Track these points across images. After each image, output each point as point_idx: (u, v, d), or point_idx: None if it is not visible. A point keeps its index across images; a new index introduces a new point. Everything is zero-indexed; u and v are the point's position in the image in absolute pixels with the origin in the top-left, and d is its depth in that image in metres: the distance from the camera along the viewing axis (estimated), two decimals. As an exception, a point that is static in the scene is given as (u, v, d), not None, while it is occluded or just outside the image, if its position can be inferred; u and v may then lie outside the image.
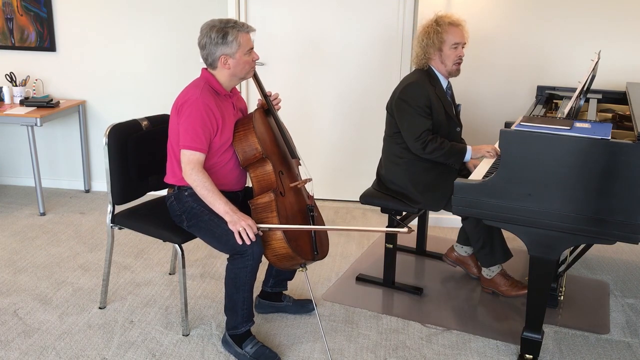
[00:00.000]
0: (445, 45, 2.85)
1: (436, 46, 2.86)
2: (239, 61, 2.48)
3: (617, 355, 2.60)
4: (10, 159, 4.69)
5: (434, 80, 2.92)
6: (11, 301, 2.95)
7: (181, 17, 4.16)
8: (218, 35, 2.42)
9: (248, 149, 2.51)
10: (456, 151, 2.86)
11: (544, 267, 2.37)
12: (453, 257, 3.31)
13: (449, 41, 2.84)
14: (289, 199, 2.54)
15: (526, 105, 3.77)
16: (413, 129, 2.85)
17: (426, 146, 2.82)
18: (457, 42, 2.86)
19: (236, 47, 2.44)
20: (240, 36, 2.45)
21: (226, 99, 2.56)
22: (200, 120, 2.41)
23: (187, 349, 2.59)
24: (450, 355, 2.58)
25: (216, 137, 2.48)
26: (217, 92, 2.51)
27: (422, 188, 2.92)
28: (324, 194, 4.41)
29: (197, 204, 2.50)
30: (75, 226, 3.92)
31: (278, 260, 2.47)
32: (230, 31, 2.43)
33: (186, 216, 2.54)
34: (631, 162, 2.11)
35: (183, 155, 2.43)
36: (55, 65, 4.41)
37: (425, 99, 2.84)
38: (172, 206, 2.60)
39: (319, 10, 4.04)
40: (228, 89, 2.56)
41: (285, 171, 2.61)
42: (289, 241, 2.41)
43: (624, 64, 3.62)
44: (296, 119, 4.20)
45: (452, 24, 2.85)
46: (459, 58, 2.89)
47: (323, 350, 2.59)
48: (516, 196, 2.28)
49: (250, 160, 2.52)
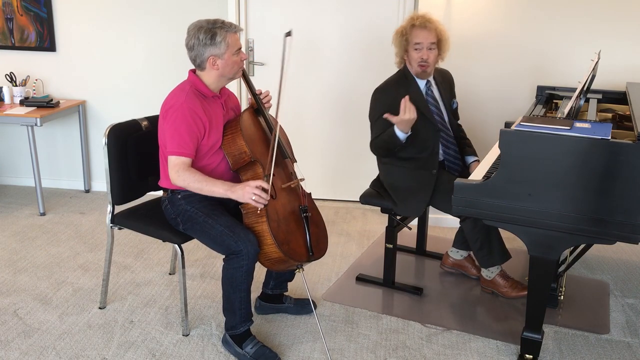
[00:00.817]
0: (409, 46, 2.84)
1: (403, 47, 2.87)
2: (228, 61, 2.47)
3: (617, 355, 2.60)
4: (10, 159, 4.69)
5: (410, 82, 2.90)
6: (11, 301, 2.95)
7: (181, 17, 4.16)
8: (206, 36, 2.42)
9: (236, 152, 2.49)
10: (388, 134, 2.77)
11: (544, 267, 2.37)
12: (450, 264, 3.32)
13: (411, 42, 2.82)
14: (281, 200, 2.53)
15: (526, 105, 3.76)
16: (373, 132, 2.90)
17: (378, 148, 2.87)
18: (418, 43, 2.81)
19: (225, 48, 2.44)
20: (229, 36, 2.44)
21: (214, 101, 2.54)
22: (185, 126, 2.40)
23: (187, 349, 2.59)
24: (450, 355, 2.58)
25: (204, 139, 2.47)
26: (203, 95, 2.50)
27: (400, 192, 2.93)
28: (324, 194, 4.41)
29: (191, 207, 2.50)
30: (75, 226, 3.92)
31: (271, 264, 2.47)
32: (219, 32, 2.42)
33: (181, 219, 2.54)
34: (631, 162, 2.11)
35: (170, 161, 2.43)
36: (55, 65, 4.41)
37: (388, 105, 2.81)
38: (167, 210, 2.61)
39: (319, 10, 4.04)
40: (216, 90, 2.55)
41: (277, 172, 2.58)
42: (280, 245, 2.40)
43: (624, 64, 3.62)
44: (296, 119, 4.20)
45: (414, 25, 2.83)
46: (421, 59, 2.84)
47: (323, 351, 2.59)
48: (516, 196, 2.28)
49: (240, 164, 2.51)
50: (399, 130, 2.73)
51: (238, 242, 2.36)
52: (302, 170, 2.87)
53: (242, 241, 2.36)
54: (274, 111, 2.60)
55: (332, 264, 3.42)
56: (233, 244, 2.37)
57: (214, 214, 2.47)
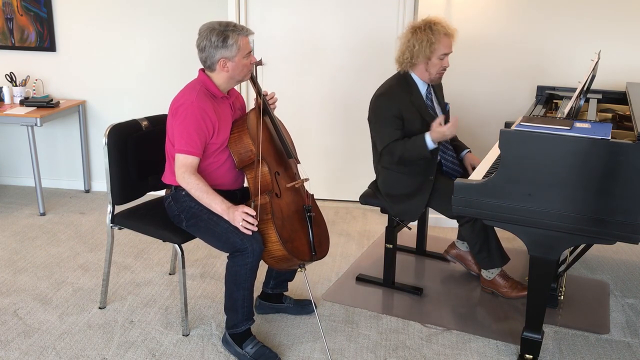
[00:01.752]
0: (434, 55, 2.79)
1: (426, 55, 2.78)
2: (238, 64, 2.48)
3: (617, 355, 2.60)
4: (10, 159, 4.69)
5: (411, 86, 2.87)
6: (11, 301, 2.95)
7: (181, 17, 4.16)
8: (218, 38, 2.42)
9: (242, 150, 2.51)
10: (416, 142, 2.75)
11: (544, 267, 2.37)
12: (454, 254, 3.32)
13: (438, 51, 2.78)
14: (285, 199, 2.54)
15: (526, 105, 3.77)
16: (382, 139, 2.84)
17: (393, 153, 2.80)
18: (445, 53, 2.81)
19: (236, 51, 2.44)
20: (240, 40, 2.45)
21: (223, 101, 2.55)
22: (195, 124, 2.41)
23: (187, 349, 2.59)
24: (450, 355, 2.58)
25: (212, 138, 2.48)
26: (213, 95, 2.51)
27: (396, 198, 2.92)
28: (324, 194, 4.41)
29: (195, 203, 2.50)
30: (75, 226, 3.92)
31: (275, 262, 2.48)
32: (231, 35, 2.43)
33: (185, 216, 2.54)
34: (631, 162, 2.11)
35: (177, 159, 2.44)
36: (55, 65, 4.41)
37: (395, 109, 2.79)
38: (170, 207, 2.60)
39: (319, 10, 4.04)
40: (225, 91, 2.56)
41: (282, 172, 2.60)
42: (285, 243, 2.41)
43: (624, 64, 3.62)
44: (296, 119, 4.20)
45: (446, 34, 2.78)
46: (443, 68, 2.85)
47: (323, 350, 2.59)
48: (516, 196, 2.28)
49: (246, 162, 2.52)
50: (431, 140, 2.71)
51: (244, 240, 2.36)
52: (303, 171, 2.87)
53: (248, 238, 2.37)
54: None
55: (332, 264, 3.42)
56: (239, 241, 2.37)
57: None
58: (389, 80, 2.96)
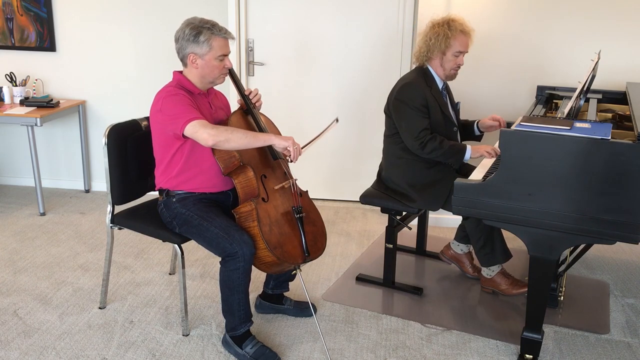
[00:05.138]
0: (449, 51, 2.85)
1: (441, 49, 2.85)
2: (208, 64, 2.47)
3: (617, 355, 2.60)
4: (10, 159, 4.70)
5: (430, 80, 2.92)
6: (11, 301, 2.95)
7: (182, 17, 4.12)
8: (191, 32, 2.43)
9: (226, 156, 2.48)
10: (456, 151, 2.85)
11: (544, 267, 2.37)
12: (449, 255, 3.32)
13: (454, 47, 2.84)
14: (273, 202, 2.51)
15: (526, 105, 3.77)
16: (411, 128, 2.85)
17: (425, 145, 2.82)
18: (461, 51, 2.86)
19: (207, 49, 2.44)
20: (214, 39, 2.44)
21: (200, 97, 2.54)
22: (179, 101, 2.40)
23: (187, 349, 2.59)
24: (450, 355, 2.58)
25: None
26: (189, 91, 2.50)
27: (420, 188, 2.92)
28: (324, 194, 4.41)
29: (186, 210, 2.50)
30: (75, 226, 3.92)
31: (266, 267, 2.47)
32: (204, 32, 2.42)
33: (177, 222, 2.54)
34: (631, 162, 2.11)
35: (187, 131, 2.36)
36: (55, 65, 4.41)
37: (422, 98, 2.84)
38: (163, 213, 2.61)
39: (319, 10, 4.04)
40: (202, 89, 2.55)
41: (270, 173, 2.57)
42: (273, 249, 2.39)
43: (624, 64, 3.62)
44: (296, 119, 4.20)
45: (463, 32, 2.85)
46: (457, 66, 2.90)
47: (323, 351, 2.59)
48: (516, 196, 2.28)
49: (231, 168, 2.50)
50: (469, 154, 2.84)
51: (233, 244, 2.35)
52: (303, 171, 2.87)
53: (237, 243, 2.35)
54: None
55: (332, 264, 3.42)
56: (228, 246, 2.36)
57: (209, 216, 2.46)
58: (409, 73, 3.00)
